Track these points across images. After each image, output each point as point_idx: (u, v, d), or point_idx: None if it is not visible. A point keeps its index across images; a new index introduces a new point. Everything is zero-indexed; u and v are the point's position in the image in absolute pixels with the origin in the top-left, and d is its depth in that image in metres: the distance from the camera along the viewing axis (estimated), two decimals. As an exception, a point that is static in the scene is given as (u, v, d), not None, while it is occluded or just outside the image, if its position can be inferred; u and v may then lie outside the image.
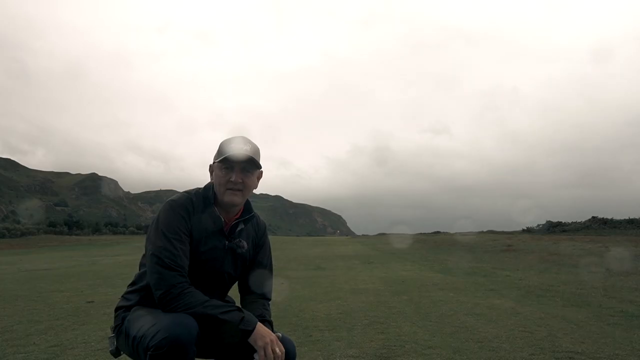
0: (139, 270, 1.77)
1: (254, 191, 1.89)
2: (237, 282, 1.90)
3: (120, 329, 1.66)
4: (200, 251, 1.70)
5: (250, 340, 1.57)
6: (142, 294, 1.71)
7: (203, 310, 1.53)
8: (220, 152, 1.75)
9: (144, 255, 1.75)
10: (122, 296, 1.78)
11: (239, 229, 1.81)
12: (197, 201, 1.73)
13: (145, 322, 1.53)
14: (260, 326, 1.60)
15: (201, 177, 1.95)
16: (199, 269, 1.69)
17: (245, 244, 1.81)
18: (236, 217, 1.82)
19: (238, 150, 1.71)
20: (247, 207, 1.86)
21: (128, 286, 1.79)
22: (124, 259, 16.20)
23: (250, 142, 1.76)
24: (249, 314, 1.62)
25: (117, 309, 1.75)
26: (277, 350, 1.57)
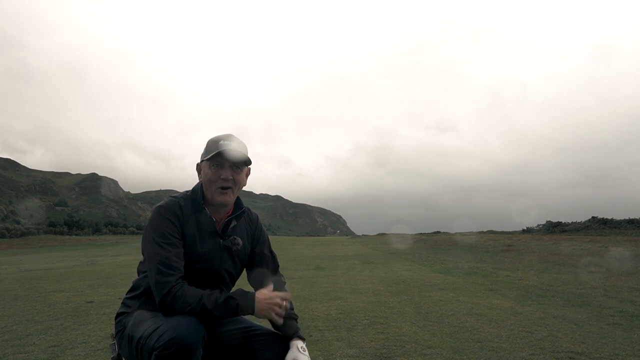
0: (138, 276, 1.77)
1: (254, 191, 1.90)
2: (248, 280, 1.92)
3: (122, 334, 1.65)
4: (196, 253, 1.70)
5: (258, 316, 1.62)
6: (142, 300, 1.70)
7: (200, 309, 1.53)
8: (208, 150, 1.75)
9: (141, 262, 1.76)
10: (122, 303, 1.77)
11: (232, 226, 1.81)
12: (186, 204, 1.73)
13: (150, 324, 1.53)
14: (258, 301, 1.60)
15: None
16: (197, 270, 1.70)
17: (239, 240, 1.81)
18: (228, 215, 1.82)
19: (227, 147, 1.71)
20: (238, 204, 1.86)
21: (127, 292, 1.78)
22: (124, 259, 16.19)
23: (237, 139, 1.77)
24: (242, 296, 1.60)
25: (117, 316, 1.74)
26: (279, 304, 1.63)
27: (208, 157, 1.73)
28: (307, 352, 1.69)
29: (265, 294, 1.64)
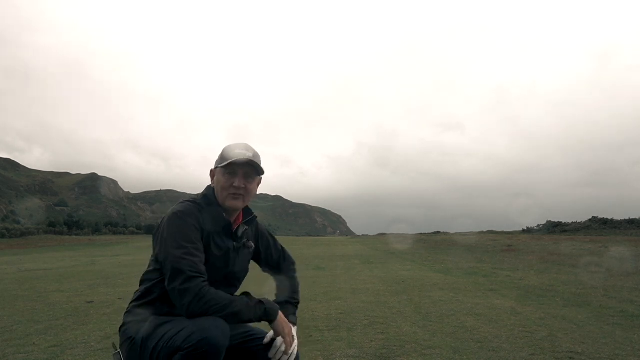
0: (141, 285, 1.76)
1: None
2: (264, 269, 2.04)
3: (132, 342, 1.63)
4: (213, 255, 1.73)
5: (276, 327, 1.71)
6: (156, 305, 1.68)
7: (230, 310, 1.58)
8: (223, 157, 1.79)
9: (148, 271, 1.75)
10: (128, 311, 1.75)
11: (243, 230, 1.86)
12: (203, 208, 1.76)
13: (172, 326, 1.54)
14: (281, 314, 1.74)
15: (202, 176, 1.95)
16: (213, 272, 1.71)
17: (252, 244, 1.91)
18: (239, 221, 1.88)
19: (242, 156, 1.76)
20: (246, 210, 1.92)
21: (135, 300, 1.76)
22: (124, 259, 16.20)
23: (252, 149, 1.81)
24: (269, 302, 1.71)
25: (123, 325, 1.72)
26: (295, 340, 1.76)
27: (223, 164, 1.77)
28: (293, 332, 1.80)
29: (287, 321, 1.77)
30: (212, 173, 1.85)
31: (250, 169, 1.78)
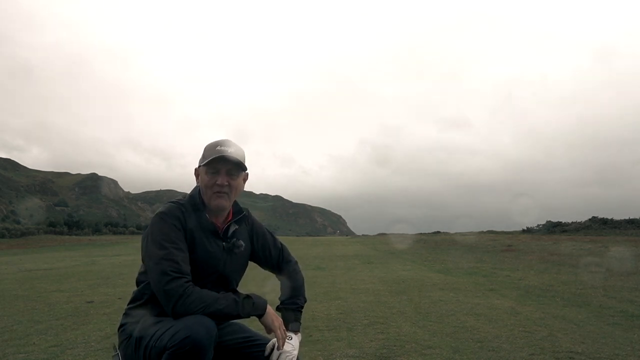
0: (137, 286, 1.76)
1: (254, 191, 1.91)
2: (266, 267, 1.99)
3: (128, 342, 1.64)
4: (199, 257, 1.70)
5: (266, 321, 1.69)
6: (148, 307, 1.69)
7: (215, 308, 1.56)
8: (205, 155, 1.76)
9: (140, 273, 1.75)
10: (125, 313, 1.76)
11: (232, 230, 1.82)
12: (187, 209, 1.74)
13: (161, 326, 1.54)
14: (270, 308, 1.72)
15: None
16: (203, 274, 1.70)
17: (242, 243, 1.82)
18: (228, 219, 1.83)
19: (223, 152, 1.72)
20: (237, 209, 1.87)
21: (129, 303, 1.77)
22: (124, 259, 16.19)
23: (234, 145, 1.77)
24: (257, 297, 1.69)
25: (121, 326, 1.73)
26: (282, 329, 1.74)
27: (204, 162, 1.74)
28: (294, 342, 1.76)
29: (276, 315, 1.76)
30: (197, 172, 1.82)
31: (232, 165, 1.74)
